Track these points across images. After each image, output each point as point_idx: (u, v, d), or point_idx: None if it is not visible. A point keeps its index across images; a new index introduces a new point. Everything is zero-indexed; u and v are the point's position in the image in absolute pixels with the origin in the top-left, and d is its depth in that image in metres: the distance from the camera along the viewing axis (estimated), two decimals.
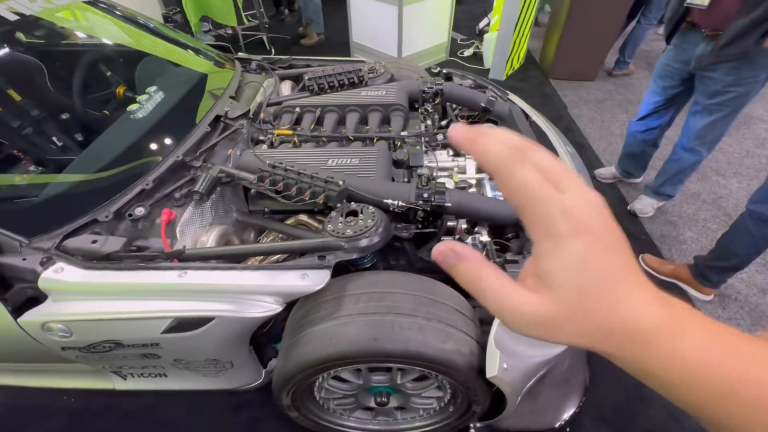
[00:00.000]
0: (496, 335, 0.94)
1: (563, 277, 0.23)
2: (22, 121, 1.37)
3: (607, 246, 0.23)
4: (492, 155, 0.25)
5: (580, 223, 0.23)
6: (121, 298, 0.97)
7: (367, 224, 1.04)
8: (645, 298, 0.23)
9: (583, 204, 0.23)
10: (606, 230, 0.24)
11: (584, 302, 0.23)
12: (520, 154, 0.24)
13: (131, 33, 1.74)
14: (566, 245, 0.23)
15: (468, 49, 4.17)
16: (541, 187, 0.23)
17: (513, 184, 0.24)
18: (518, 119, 1.65)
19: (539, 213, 0.24)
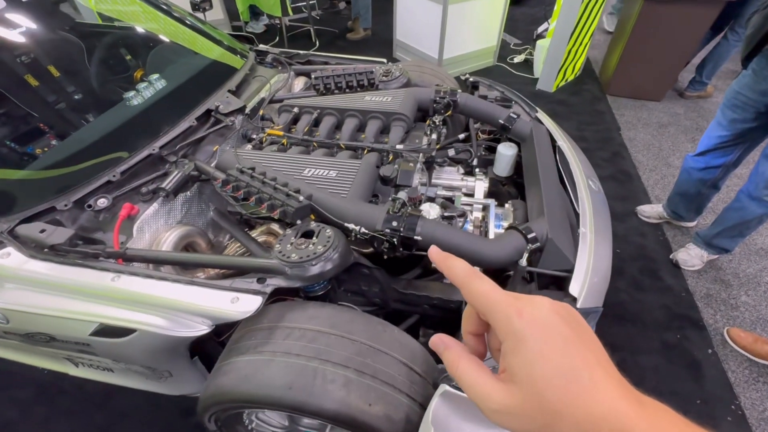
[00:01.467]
0: (435, 408, 0.79)
1: (523, 370, 0.26)
2: (53, 93, 1.41)
3: (564, 339, 0.25)
4: (456, 270, 0.31)
5: (534, 320, 0.26)
6: (56, 294, 0.94)
7: (317, 250, 0.92)
8: (613, 394, 0.24)
9: (534, 303, 0.27)
10: (559, 325, 0.26)
11: (546, 394, 0.24)
12: (477, 272, 0.31)
13: (154, 17, 1.75)
14: (525, 341, 0.26)
15: (520, 55, 3.86)
16: (496, 293, 0.29)
17: (475, 293, 0.29)
18: (539, 142, 1.44)
19: (499, 314, 0.28)
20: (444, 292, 1.15)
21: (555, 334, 0.25)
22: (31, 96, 1.39)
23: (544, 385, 0.24)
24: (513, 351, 0.26)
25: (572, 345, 0.25)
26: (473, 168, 1.51)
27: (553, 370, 0.24)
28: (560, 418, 0.24)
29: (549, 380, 0.24)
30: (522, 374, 0.25)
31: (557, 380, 0.24)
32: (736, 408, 1.38)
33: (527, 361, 0.25)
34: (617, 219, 2.11)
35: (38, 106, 1.36)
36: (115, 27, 1.75)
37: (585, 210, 1.20)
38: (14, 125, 1.30)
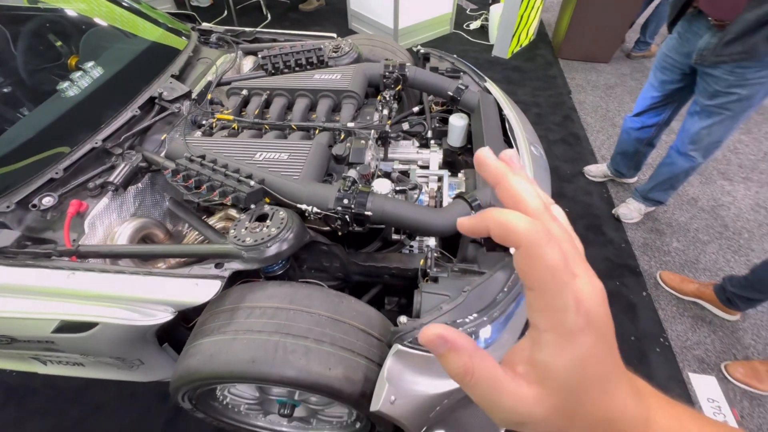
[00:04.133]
0: (389, 366, 0.87)
1: (564, 374, 0.23)
2: None
3: (608, 345, 0.23)
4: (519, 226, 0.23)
5: (589, 318, 0.22)
6: (8, 296, 0.94)
7: (271, 232, 0.96)
8: (626, 394, 0.24)
9: (593, 295, 0.23)
10: (608, 326, 0.23)
11: (580, 402, 0.23)
12: (547, 232, 0.23)
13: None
14: (574, 342, 0.22)
15: (476, 21, 3.85)
16: (563, 273, 0.22)
17: (541, 262, 0.22)
18: (486, 112, 1.49)
19: (555, 301, 0.22)
20: (401, 261, 1.22)
21: (603, 336, 0.23)
22: None
23: (582, 393, 0.23)
24: (556, 347, 0.22)
25: (611, 348, 0.23)
26: (428, 140, 1.55)
27: (594, 376, 0.23)
28: (584, 423, 0.23)
29: (588, 387, 0.23)
30: (560, 376, 0.23)
31: (595, 387, 0.23)
32: (664, 340, 1.57)
33: (572, 365, 0.22)
34: (566, 180, 2.25)
35: None
36: (41, 9, 1.63)
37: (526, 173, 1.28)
38: None
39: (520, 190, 0.25)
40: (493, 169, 0.26)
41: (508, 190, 0.25)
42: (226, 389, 1.07)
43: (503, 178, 0.25)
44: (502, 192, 0.25)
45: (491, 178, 0.26)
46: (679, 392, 1.42)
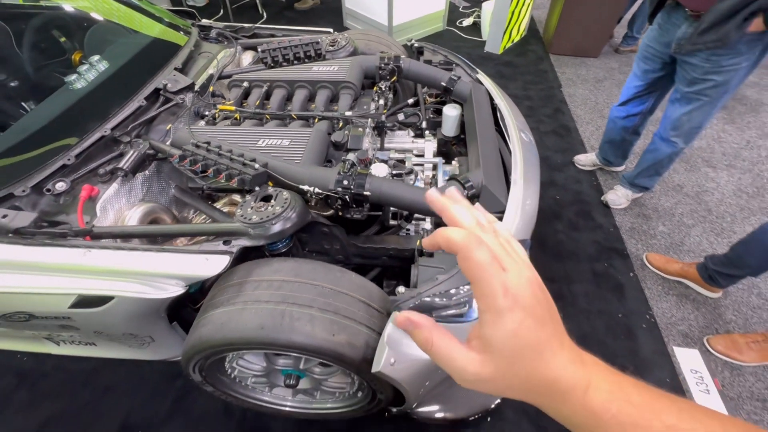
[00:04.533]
0: (389, 331, 0.94)
1: (500, 344, 0.29)
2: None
3: (536, 319, 0.29)
4: (455, 237, 0.31)
5: (515, 300, 0.29)
6: (29, 273, 0.99)
7: (275, 211, 1.02)
8: (564, 360, 0.29)
9: (519, 282, 0.29)
10: (535, 304, 0.29)
11: (515, 364, 0.29)
12: (477, 238, 0.30)
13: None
14: (503, 318, 0.29)
15: (468, 18, 3.93)
16: (490, 267, 0.29)
17: (471, 261, 0.29)
18: (478, 101, 1.55)
19: (486, 289, 0.29)
20: (399, 243, 1.29)
21: (529, 314, 0.29)
22: None
23: (516, 357, 0.29)
24: (492, 324, 0.29)
25: (540, 323, 0.29)
26: (422, 130, 1.61)
27: (525, 345, 0.29)
28: (523, 382, 0.29)
29: (520, 353, 0.29)
30: (498, 346, 0.29)
31: (527, 353, 0.29)
32: (650, 317, 1.64)
33: (504, 336, 0.29)
34: (557, 169, 2.32)
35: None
36: (43, 7, 1.68)
37: (516, 159, 1.35)
38: None
39: (456, 213, 0.33)
40: (439, 203, 0.34)
41: (449, 216, 0.33)
42: (234, 361, 1.13)
43: (445, 208, 0.34)
44: (446, 217, 0.34)
45: (438, 210, 0.34)
46: (663, 365, 1.50)
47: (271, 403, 1.30)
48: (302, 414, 1.32)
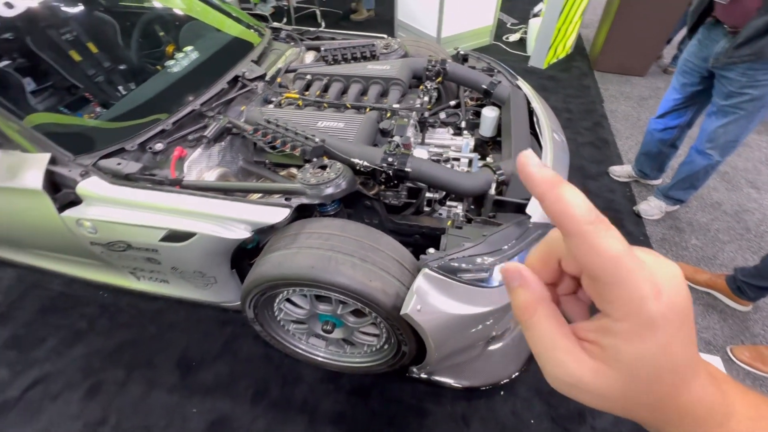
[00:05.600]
0: (418, 282, 1.08)
1: (638, 362, 0.22)
2: (95, 69, 1.70)
3: (689, 333, 0.22)
4: (577, 212, 0.22)
5: (673, 306, 0.21)
6: (133, 209, 1.24)
7: (330, 177, 1.21)
8: (704, 382, 0.23)
9: (673, 280, 0.22)
10: (689, 312, 0.22)
11: (652, 388, 0.22)
12: (604, 220, 0.22)
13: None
14: (654, 331, 0.21)
15: (515, 34, 4.06)
16: (632, 259, 0.21)
17: (600, 251, 0.21)
18: (515, 104, 1.69)
19: (628, 289, 0.21)
20: (431, 222, 1.44)
21: (686, 323, 0.22)
22: (83, 65, 1.67)
23: (655, 380, 0.22)
24: (632, 336, 0.22)
25: (692, 337, 0.22)
26: (461, 129, 1.76)
27: (673, 367, 0.22)
28: (646, 406, 0.23)
29: (663, 375, 0.22)
30: (633, 364, 0.22)
31: (671, 376, 0.22)
32: None
33: (649, 353, 0.22)
34: (591, 178, 2.38)
35: (88, 74, 1.65)
36: (146, 8, 2.01)
37: (546, 154, 1.47)
38: (77, 90, 1.60)
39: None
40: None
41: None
42: (283, 301, 1.31)
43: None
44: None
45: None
46: None
47: (306, 351, 1.48)
48: (332, 365, 1.48)
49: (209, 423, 1.41)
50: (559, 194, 0.23)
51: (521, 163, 0.24)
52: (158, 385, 1.51)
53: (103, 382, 1.52)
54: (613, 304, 0.22)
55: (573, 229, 0.22)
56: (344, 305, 1.25)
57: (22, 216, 1.35)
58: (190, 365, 1.56)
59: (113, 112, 1.47)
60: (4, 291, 1.84)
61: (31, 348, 1.63)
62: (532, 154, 0.25)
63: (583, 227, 0.22)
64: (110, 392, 1.49)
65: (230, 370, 1.54)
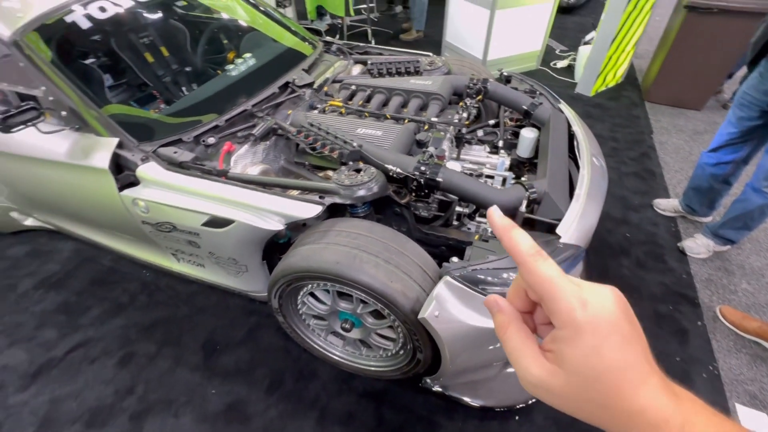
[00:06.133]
0: (438, 288, 1.09)
1: (578, 362, 0.26)
2: (164, 70, 1.90)
3: (622, 337, 0.26)
4: (522, 247, 0.30)
5: (597, 314, 0.26)
6: (182, 194, 1.35)
7: (363, 179, 1.26)
8: (654, 388, 0.25)
9: (599, 295, 0.27)
10: (620, 321, 0.26)
11: (592, 387, 0.26)
12: (542, 253, 0.30)
13: (247, 11, 2.19)
14: (583, 334, 0.26)
15: (563, 60, 4.02)
16: (561, 280, 0.28)
17: (538, 275, 0.28)
18: (555, 126, 1.67)
19: (560, 302, 0.27)
20: (458, 235, 1.44)
21: (615, 330, 0.26)
22: (154, 66, 1.86)
23: (594, 378, 0.26)
24: (568, 341, 0.26)
25: (627, 341, 0.26)
26: (498, 148, 1.74)
27: (608, 365, 0.25)
28: (599, 407, 0.26)
29: (600, 374, 0.25)
30: (573, 363, 0.26)
31: (609, 375, 0.25)
32: (713, 369, 1.54)
33: (582, 354, 0.26)
34: (633, 209, 2.28)
35: (158, 74, 1.84)
36: (215, 18, 2.21)
37: (583, 177, 1.44)
38: (147, 87, 1.78)
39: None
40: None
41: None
42: (306, 295, 1.36)
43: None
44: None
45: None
46: None
47: (323, 347, 1.51)
48: (347, 365, 1.50)
49: (226, 405, 1.46)
50: (511, 235, 0.31)
51: (489, 213, 0.33)
52: (184, 362, 1.59)
53: (135, 354, 1.62)
54: (554, 316, 0.28)
55: (520, 259, 0.30)
56: (364, 304, 1.27)
57: (88, 192, 1.51)
58: (215, 348, 1.64)
59: (175, 108, 1.62)
60: (63, 261, 2.04)
61: (78, 315, 1.79)
62: (497, 209, 0.33)
63: (526, 257, 0.29)
64: (140, 364, 1.59)
65: (250, 357, 1.60)
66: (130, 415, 1.44)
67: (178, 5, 2.06)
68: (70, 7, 1.55)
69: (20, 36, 1.42)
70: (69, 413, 1.45)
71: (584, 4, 5.70)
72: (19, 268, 2.01)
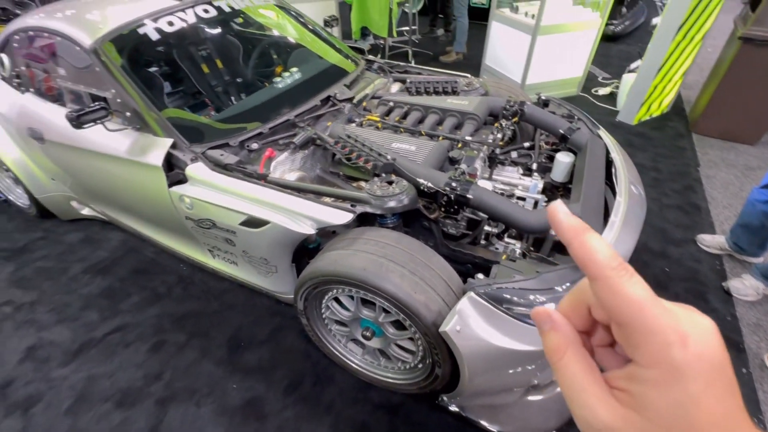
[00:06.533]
0: (461, 304, 1.10)
1: (667, 412, 0.21)
2: (217, 80, 2.06)
3: (726, 384, 0.22)
4: (600, 256, 0.23)
5: (701, 355, 0.21)
6: (224, 194, 1.44)
7: (394, 191, 1.30)
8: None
9: (700, 330, 0.22)
10: (724, 365, 0.22)
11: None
12: (627, 267, 0.23)
13: (296, 29, 2.34)
14: (681, 379, 0.21)
15: (606, 88, 3.95)
16: (655, 305, 0.22)
17: (623, 296, 0.22)
18: (592, 152, 1.65)
19: (652, 334, 0.22)
20: (486, 254, 1.44)
21: (719, 376, 0.21)
22: (209, 77, 2.02)
23: (685, 431, 0.21)
24: (659, 384, 0.22)
25: (731, 391, 0.22)
26: (531, 171, 1.70)
27: (707, 419, 0.21)
28: None
29: (696, 428, 0.21)
30: (660, 413, 0.22)
31: (707, 430, 0.21)
32: (759, 422, 1.41)
33: (676, 402, 0.21)
34: (674, 244, 2.17)
35: (211, 84, 1.99)
36: (267, 35, 2.36)
37: (620, 204, 1.41)
38: (200, 95, 1.93)
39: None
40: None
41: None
42: (331, 300, 1.39)
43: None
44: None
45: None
46: None
47: (342, 354, 1.53)
48: (364, 375, 1.51)
49: (244, 401, 1.50)
50: (583, 240, 0.24)
51: (551, 210, 0.26)
52: (209, 355, 1.66)
53: (167, 342, 1.71)
54: (639, 350, 0.22)
55: (597, 273, 0.23)
56: (387, 314, 1.29)
57: (141, 186, 1.64)
58: (239, 344, 1.69)
59: (224, 115, 1.75)
60: (111, 249, 2.20)
61: (119, 300, 1.91)
62: (561, 203, 0.27)
63: (606, 272, 0.23)
64: (170, 352, 1.67)
65: (271, 357, 1.65)
66: (156, 399, 1.52)
67: (235, 22, 2.23)
68: (143, 21, 1.72)
69: (99, 44, 1.59)
70: (102, 392, 1.54)
71: (631, 33, 5.60)
72: (73, 252, 2.19)
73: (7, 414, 1.48)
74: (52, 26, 1.72)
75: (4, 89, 2.00)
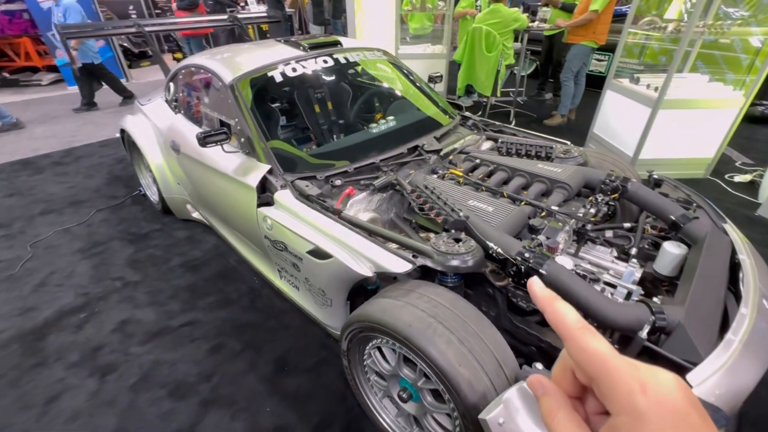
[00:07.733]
0: (510, 393, 0.96)
1: None
2: (324, 120, 2.30)
3: (691, 426, 0.23)
4: (567, 319, 0.28)
5: (660, 399, 0.23)
6: (300, 221, 1.54)
7: (460, 250, 1.24)
8: None
9: (660, 380, 0.24)
10: (688, 410, 0.23)
11: None
12: (590, 327, 0.27)
13: (402, 82, 2.51)
14: (646, 423, 0.23)
15: (744, 175, 3.35)
16: (615, 358, 0.25)
17: (587, 351, 0.26)
18: (712, 248, 1.37)
19: (616, 384, 0.24)
20: (555, 339, 1.27)
21: (682, 420, 0.23)
22: (318, 116, 2.25)
23: None
24: (629, 429, 0.23)
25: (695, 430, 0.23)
26: (629, 256, 1.46)
27: None
28: None
29: None
30: None
31: None
32: None
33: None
34: None
35: (319, 122, 2.20)
36: (374, 85, 2.58)
37: (744, 318, 1.14)
38: (308, 131, 2.16)
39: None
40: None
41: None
42: (374, 348, 1.35)
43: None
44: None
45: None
46: None
47: (376, 408, 1.45)
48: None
49: (274, 427, 1.50)
50: (555, 307, 0.29)
51: (530, 283, 0.31)
52: (256, 369, 1.72)
53: (224, 346, 1.83)
54: (609, 401, 0.25)
55: (566, 333, 0.28)
56: (427, 379, 1.20)
57: (236, 201, 1.86)
58: (284, 367, 1.73)
59: (318, 151, 1.93)
60: (205, 251, 2.50)
61: (199, 297, 2.13)
62: (537, 280, 0.32)
63: (573, 331, 0.27)
64: (225, 356, 1.78)
65: (310, 388, 1.64)
66: (200, 399, 1.61)
67: (350, 71, 2.49)
68: (276, 65, 2.03)
69: (236, 81, 1.92)
70: (162, 377, 1.70)
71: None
72: (177, 247, 2.55)
73: (90, 374, 1.72)
74: (207, 64, 2.13)
75: (165, 109, 2.51)
